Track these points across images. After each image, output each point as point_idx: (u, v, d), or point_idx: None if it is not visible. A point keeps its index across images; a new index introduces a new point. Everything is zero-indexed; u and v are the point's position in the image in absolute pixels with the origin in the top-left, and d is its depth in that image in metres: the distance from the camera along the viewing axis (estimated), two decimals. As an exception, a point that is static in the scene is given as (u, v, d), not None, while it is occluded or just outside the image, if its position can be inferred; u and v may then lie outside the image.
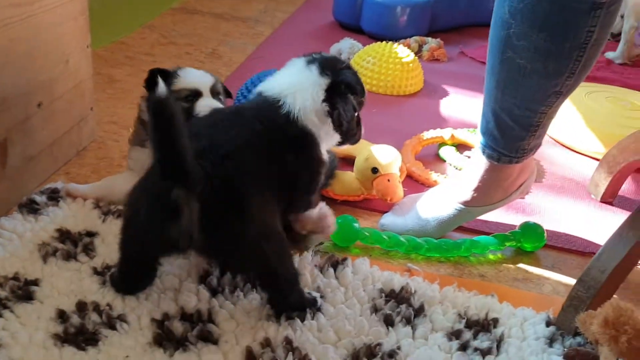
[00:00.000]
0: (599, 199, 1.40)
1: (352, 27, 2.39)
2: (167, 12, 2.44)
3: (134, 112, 1.58)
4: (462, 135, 1.55)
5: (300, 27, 2.43)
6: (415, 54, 2.02)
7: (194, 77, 1.16)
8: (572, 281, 1.13)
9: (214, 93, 1.17)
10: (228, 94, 1.24)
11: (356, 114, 1.04)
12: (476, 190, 1.17)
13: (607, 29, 0.98)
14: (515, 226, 1.23)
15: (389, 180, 1.25)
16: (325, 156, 1.04)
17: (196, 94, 1.14)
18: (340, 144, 1.07)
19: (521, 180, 1.19)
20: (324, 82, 1.00)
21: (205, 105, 1.13)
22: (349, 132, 1.05)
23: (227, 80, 1.79)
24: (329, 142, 1.04)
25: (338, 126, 1.02)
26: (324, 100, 1.00)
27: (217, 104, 1.15)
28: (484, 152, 1.15)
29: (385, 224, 1.22)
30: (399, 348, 0.92)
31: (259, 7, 2.64)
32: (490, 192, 1.17)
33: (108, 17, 2.22)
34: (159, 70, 1.12)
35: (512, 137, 1.10)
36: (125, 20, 2.27)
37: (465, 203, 1.18)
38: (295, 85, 1.00)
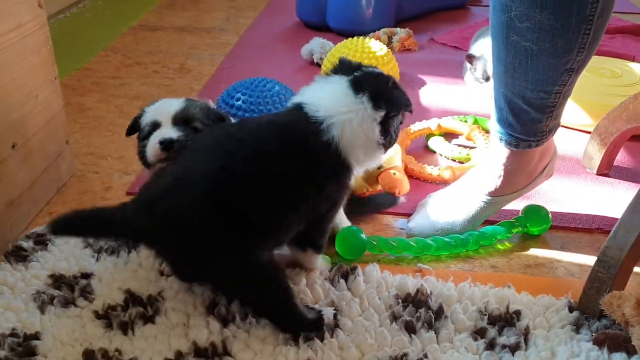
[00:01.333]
0: (595, 172, 1.39)
1: (318, 25, 2.35)
2: (127, 31, 2.37)
3: (110, 139, 1.54)
4: (449, 123, 1.52)
5: (266, 32, 2.39)
6: (386, 46, 1.99)
7: (155, 108, 1.05)
8: (584, 260, 1.12)
9: (182, 121, 1.02)
10: (220, 119, 1.07)
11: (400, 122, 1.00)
12: (500, 179, 1.15)
13: None
14: (517, 212, 1.21)
15: (394, 173, 1.22)
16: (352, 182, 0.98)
17: (155, 127, 1.02)
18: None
19: (544, 163, 1.17)
20: (379, 115, 0.93)
21: (155, 137, 1.00)
22: (392, 143, 1.00)
23: (200, 95, 1.74)
24: (370, 164, 0.99)
25: (387, 148, 0.97)
26: (380, 132, 0.94)
27: (170, 135, 0.99)
28: (501, 140, 1.12)
29: (413, 228, 1.19)
30: (425, 356, 0.89)
31: (221, 16, 2.59)
32: (514, 179, 1.15)
33: (68, 45, 2.14)
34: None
35: (529, 121, 1.07)
36: (85, 45, 2.20)
37: (492, 194, 1.16)
38: (345, 114, 0.91)
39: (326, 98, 0.93)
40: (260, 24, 2.48)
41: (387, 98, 0.94)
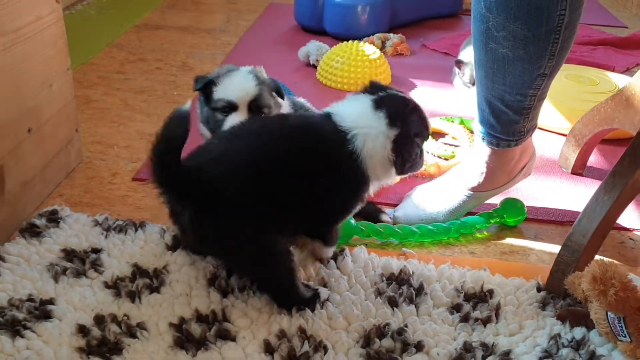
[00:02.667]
0: (569, 171, 1.49)
1: (315, 30, 2.45)
2: (131, 29, 2.46)
3: (116, 130, 1.63)
4: (436, 123, 1.62)
5: (265, 34, 2.48)
6: (380, 50, 2.09)
7: (231, 89, 1.12)
8: (555, 249, 1.21)
9: (256, 108, 1.13)
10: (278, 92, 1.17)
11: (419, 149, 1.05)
12: (482, 176, 1.25)
13: (577, 10, 1.05)
14: (495, 204, 1.30)
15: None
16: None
17: (232, 107, 1.12)
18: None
19: (523, 162, 1.27)
20: (392, 133, 0.99)
21: (232, 122, 1.09)
22: (412, 168, 1.04)
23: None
24: (386, 180, 1.05)
25: (400, 168, 1.02)
26: (391, 150, 1.00)
27: None
28: (484, 140, 1.22)
29: (399, 217, 1.28)
30: (406, 326, 0.98)
31: (222, 18, 2.68)
32: (495, 176, 1.25)
33: (73, 40, 2.22)
34: (203, 80, 1.14)
35: (508, 122, 1.17)
36: (90, 41, 2.28)
37: (474, 189, 1.26)
38: (365, 128, 0.98)
39: (351, 112, 1.01)
40: (259, 27, 2.57)
41: (402, 119, 1.00)
